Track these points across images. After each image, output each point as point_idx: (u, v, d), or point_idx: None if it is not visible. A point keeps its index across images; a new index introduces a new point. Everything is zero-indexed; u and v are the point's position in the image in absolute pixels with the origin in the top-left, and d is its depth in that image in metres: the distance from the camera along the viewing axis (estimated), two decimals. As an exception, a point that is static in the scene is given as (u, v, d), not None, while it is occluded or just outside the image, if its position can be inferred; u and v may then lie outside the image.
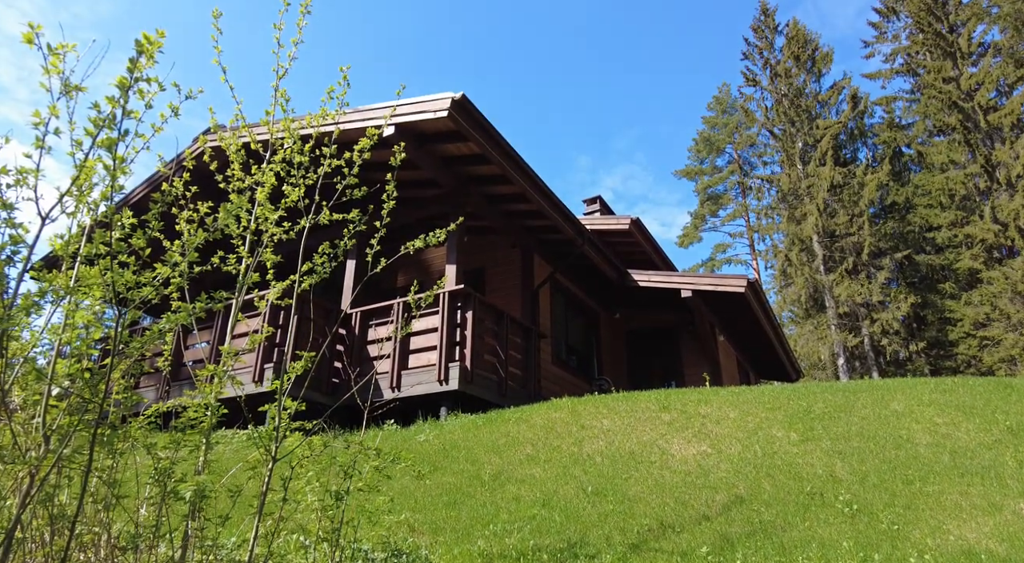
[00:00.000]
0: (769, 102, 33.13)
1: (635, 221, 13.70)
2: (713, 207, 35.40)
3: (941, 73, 28.51)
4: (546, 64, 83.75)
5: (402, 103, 7.62)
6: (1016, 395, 5.52)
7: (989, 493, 3.95)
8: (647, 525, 3.95)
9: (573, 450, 5.42)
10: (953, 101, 27.68)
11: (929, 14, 29.39)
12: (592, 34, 79.01)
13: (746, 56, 34.51)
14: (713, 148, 36.18)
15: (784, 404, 5.90)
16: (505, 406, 7.70)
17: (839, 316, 27.90)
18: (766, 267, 32.85)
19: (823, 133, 30.05)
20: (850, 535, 3.57)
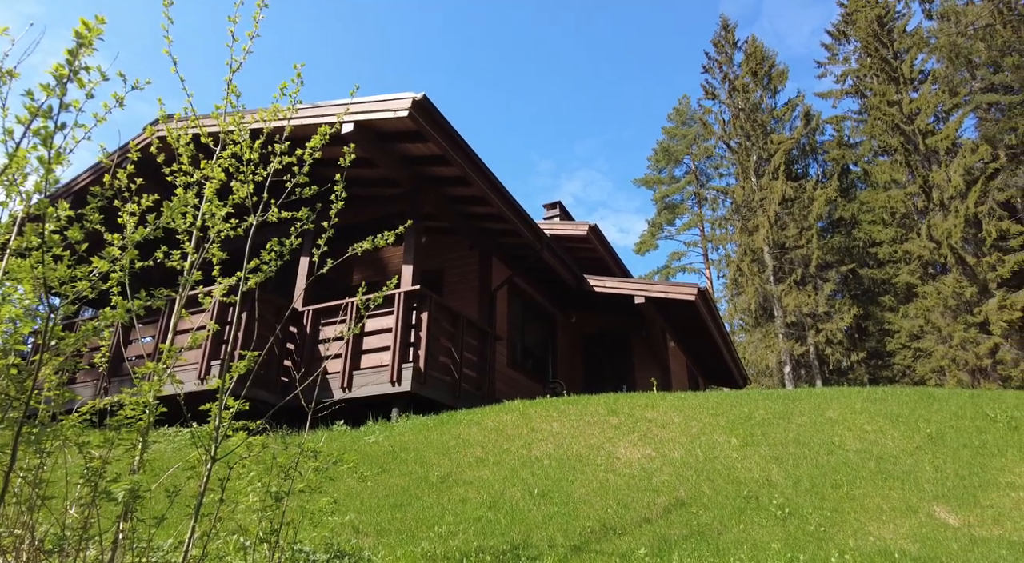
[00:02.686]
0: (727, 115, 34.11)
1: (593, 227, 13.91)
2: (670, 216, 36.19)
3: (886, 96, 29.90)
4: (513, 68, 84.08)
5: (362, 101, 7.56)
6: (938, 405, 5.85)
7: (907, 497, 4.19)
8: (590, 527, 4.04)
9: (522, 453, 5.48)
10: (896, 124, 29.06)
11: (876, 40, 30.81)
12: (558, 40, 79.72)
13: (706, 70, 35.45)
14: (672, 158, 37.01)
15: (727, 410, 6.10)
16: (458, 408, 7.71)
17: (787, 325, 28.89)
18: (718, 276, 33.79)
19: (777, 148, 31.11)
20: (780, 537, 3.73)
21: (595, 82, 78.27)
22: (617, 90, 76.13)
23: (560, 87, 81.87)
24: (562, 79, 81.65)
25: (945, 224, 26.82)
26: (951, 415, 5.57)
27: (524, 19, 78.01)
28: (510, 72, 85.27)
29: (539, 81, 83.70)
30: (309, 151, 2.94)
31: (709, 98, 35.10)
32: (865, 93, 32.78)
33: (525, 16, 76.92)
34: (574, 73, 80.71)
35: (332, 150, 8.76)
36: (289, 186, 2.96)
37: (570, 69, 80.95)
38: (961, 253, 26.78)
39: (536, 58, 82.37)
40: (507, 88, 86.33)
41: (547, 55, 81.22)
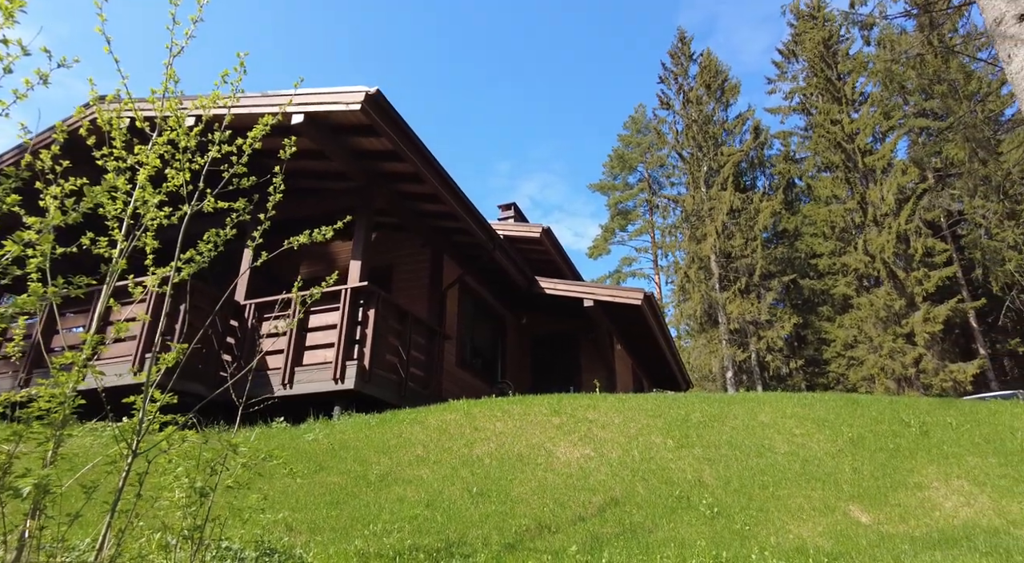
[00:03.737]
0: (680, 126, 34.99)
1: (546, 230, 14.04)
2: (622, 222, 36.87)
3: (829, 115, 31.31)
4: (473, 67, 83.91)
5: (315, 92, 7.43)
6: (861, 410, 6.18)
7: (827, 497, 4.41)
8: (526, 525, 4.09)
9: (464, 452, 5.50)
10: (838, 142, 30.46)
11: (822, 61, 32.21)
12: (519, 41, 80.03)
13: (662, 80, 36.28)
14: (626, 165, 37.72)
15: (665, 412, 6.27)
16: (404, 407, 7.65)
17: (730, 332, 29.85)
18: (667, 282, 34.63)
19: (726, 160, 32.11)
20: (707, 535, 3.87)
21: (555, 85, 78.95)
22: (576, 94, 77.03)
23: (520, 88, 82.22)
24: (522, 80, 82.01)
25: (879, 239, 28.27)
26: (872, 420, 5.89)
27: (486, 19, 78.01)
28: (470, 70, 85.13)
29: (499, 81, 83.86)
30: (250, 140, 2.88)
31: (664, 108, 35.95)
32: (811, 111, 34.22)
33: (487, 16, 76.93)
34: (535, 74, 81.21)
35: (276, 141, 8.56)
36: (227, 176, 2.89)
37: (530, 70, 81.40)
38: (893, 267, 28.28)
39: (496, 58, 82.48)
40: (467, 86, 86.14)
41: (507, 55, 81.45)
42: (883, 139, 30.89)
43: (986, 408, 6.15)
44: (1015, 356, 30.76)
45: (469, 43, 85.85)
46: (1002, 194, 21.34)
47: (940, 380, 26.04)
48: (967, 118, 18.53)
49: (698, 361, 30.41)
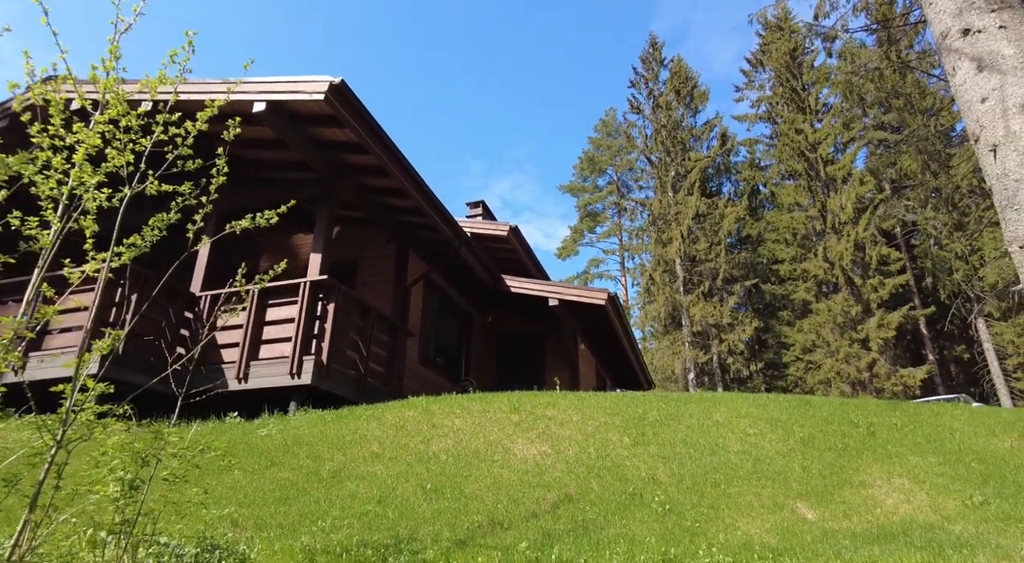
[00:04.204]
0: (649, 130, 35.44)
1: (514, 229, 14.03)
2: (591, 224, 37.16)
3: (794, 124, 32.10)
4: (450, 62, 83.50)
5: (278, 80, 7.27)
6: (813, 411, 6.33)
7: (776, 495, 4.50)
8: (478, 522, 4.06)
9: (420, 448, 5.44)
10: (801, 150, 31.25)
11: (788, 71, 32.99)
12: (499, 41, 79.97)
13: (633, 84, 36.68)
14: (596, 168, 38.02)
15: (623, 410, 6.32)
16: (363, 403, 7.54)
17: (693, 334, 30.34)
18: (633, 284, 35.04)
19: (694, 165, 32.63)
20: (658, 532, 3.90)
21: (529, 85, 79.11)
22: (550, 96, 77.31)
23: (495, 88, 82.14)
24: (498, 80, 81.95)
25: (838, 247, 29.10)
26: (822, 421, 6.04)
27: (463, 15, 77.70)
28: (446, 65, 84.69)
29: (476, 79, 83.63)
30: (199, 122, 2.77)
31: (634, 112, 36.35)
32: (776, 119, 35.04)
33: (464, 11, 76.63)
34: (510, 74, 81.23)
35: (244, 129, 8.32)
36: (171, 158, 2.78)
37: (505, 70, 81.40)
38: (850, 274, 29.14)
39: (473, 55, 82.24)
40: (443, 83, 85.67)
41: (484, 53, 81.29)
42: (844, 149, 31.81)
43: (929, 410, 6.36)
44: (960, 362, 32.03)
45: (445, 36, 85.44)
46: (951, 206, 22.21)
47: (891, 384, 26.93)
48: (920, 131, 19.26)
49: (661, 362, 30.84)
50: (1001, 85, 3.52)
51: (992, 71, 3.56)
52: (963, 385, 30.84)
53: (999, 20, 3.67)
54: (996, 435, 5.60)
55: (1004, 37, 3.62)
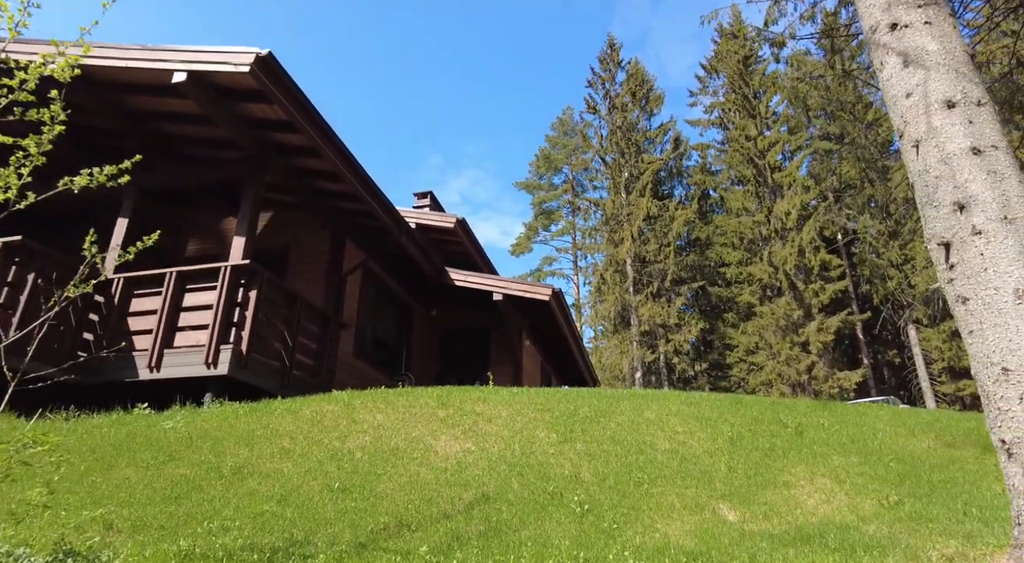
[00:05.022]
0: (605, 131, 35.65)
1: (460, 221, 13.75)
2: (546, 222, 37.16)
3: (744, 131, 32.84)
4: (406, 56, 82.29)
5: (200, 49, 6.79)
6: (744, 409, 6.30)
7: (699, 495, 4.39)
8: (384, 523, 3.79)
9: (335, 445, 5.12)
10: (750, 156, 32.00)
11: (740, 78, 33.73)
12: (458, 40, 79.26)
13: (590, 84, 36.83)
14: (552, 166, 38.03)
15: (554, 406, 6.14)
16: (286, 396, 7.14)
17: (641, 334, 30.70)
18: (585, 283, 35.23)
19: (646, 167, 33.00)
20: (574, 534, 3.71)
21: (491, 82, 78.74)
22: (510, 92, 77.14)
23: (456, 81, 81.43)
24: (458, 73, 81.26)
25: (783, 252, 29.92)
26: (752, 420, 6.01)
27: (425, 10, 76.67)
28: (402, 60, 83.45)
29: (434, 73, 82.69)
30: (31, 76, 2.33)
31: (590, 112, 36.52)
32: (728, 125, 35.80)
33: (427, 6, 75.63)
34: (471, 68, 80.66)
35: (168, 102, 7.73)
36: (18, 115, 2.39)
37: (468, 63, 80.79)
38: (793, 279, 30.01)
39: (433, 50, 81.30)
40: (401, 73, 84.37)
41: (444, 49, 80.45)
42: (791, 157, 32.74)
43: (855, 411, 6.43)
44: (892, 366, 33.48)
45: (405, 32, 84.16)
46: (886, 214, 23.11)
47: (828, 387, 27.87)
48: (859, 140, 19.92)
49: (610, 361, 31.09)
50: (925, 81, 3.46)
51: (917, 66, 3.51)
52: (894, 388, 32.25)
53: (925, 16, 3.62)
54: (915, 435, 5.67)
55: (929, 33, 3.57)
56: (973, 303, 3.08)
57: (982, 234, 3.08)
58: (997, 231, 3.05)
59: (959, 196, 3.20)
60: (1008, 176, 3.17)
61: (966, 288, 3.12)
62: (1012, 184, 3.14)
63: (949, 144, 3.30)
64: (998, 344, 2.94)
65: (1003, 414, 2.91)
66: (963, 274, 3.14)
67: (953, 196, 3.22)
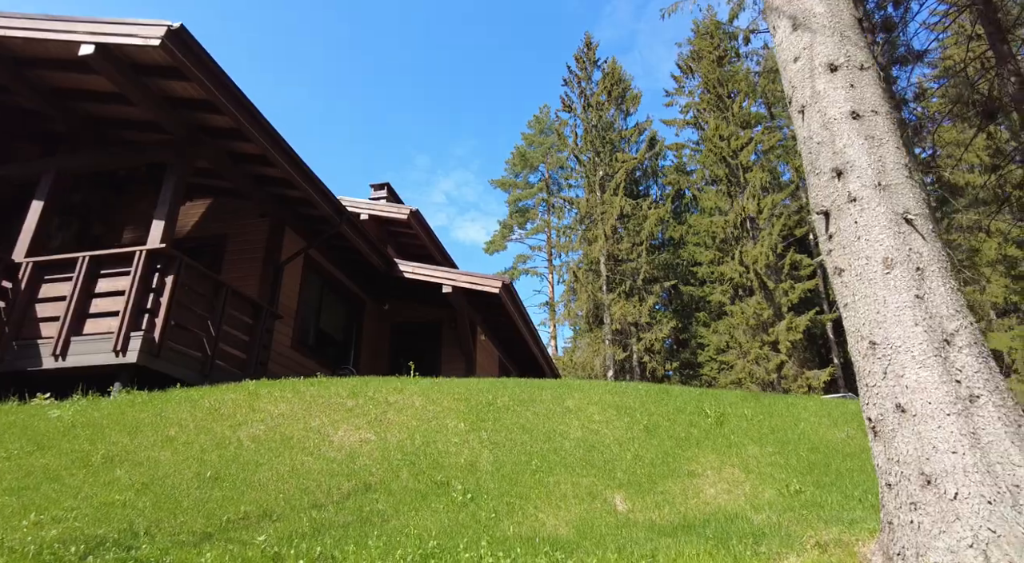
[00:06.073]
0: (580, 130, 35.52)
1: (414, 212, 13.49)
2: (521, 219, 36.95)
3: (719, 131, 32.88)
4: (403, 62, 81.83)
5: (108, 21, 6.46)
6: (669, 399, 6.12)
7: (595, 484, 4.18)
8: (246, 512, 3.53)
9: (225, 433, 4.84)
10: (724, 156, 32.05)
11: (716, 79, 33.80)
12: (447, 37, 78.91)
13: (566, 82, 36.69)
14: (528, 164, 37.84)
15: (474, 396, 5.92)
16: (205, 386, 6.83)
17: (613, 332, 30.59)
18: (559, 281, 35.06)
19: (620, 166, 32.93)
20: (446, 524, 3.49)
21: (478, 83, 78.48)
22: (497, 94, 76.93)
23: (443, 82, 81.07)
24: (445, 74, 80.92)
25: (754, 252, 29.98)
26: (675, 409, 5.83)
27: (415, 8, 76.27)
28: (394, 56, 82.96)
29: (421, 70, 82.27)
30: None
31: (566, 111, 36.36)
32: (702, 125, 35.82)
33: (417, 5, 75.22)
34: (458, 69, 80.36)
35: (86, 80, 7.35)
36: None
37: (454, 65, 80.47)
38: (764, 279, 30.06)
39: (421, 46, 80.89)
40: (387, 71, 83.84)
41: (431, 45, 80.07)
42: (764, 156, 32.84)
43: (784, 402, 6.28)
44: (862, 366, 33.59)
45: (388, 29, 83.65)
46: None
47: (797, 385, 27.95)
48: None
49: (582, 359, 30.93)
50: (811, 44, 3.29)
51: (804, 30, 3.33)
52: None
53: (816, -24, 3.46)
54: (837, 425, 5.53)
55: (819, -7, 3.41)
56: (847, 274, 2.90)
57: (857, 201, 2.91)
58: (871, 198, 2.88)
59: (838, 162, 3.03)
60: (886, 141, 3.00)
61: (841, 258, 2.94)
62: (889, 149, 2.98)
63: (831, 109, 3.13)
64: (867, 316, 2.77)
65: (870, 390, 2.73)
66: (839, 244, 2.97)
67: (832, 162, 3.05)
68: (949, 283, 2.72)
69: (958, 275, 10.65)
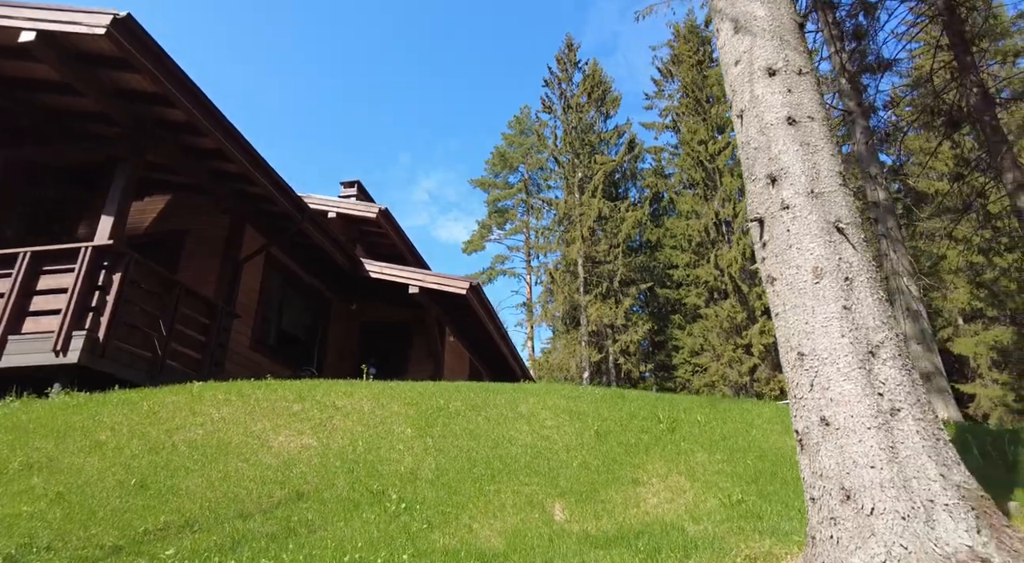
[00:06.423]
0: (560, 131, 35.52)
1: (384, 211, 13.32)
2: (500, 220, 36.84)
3: (697, 135, 33.11)
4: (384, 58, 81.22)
5: (50, 7, 6.23)
6: (623, 405, 6.06)
7: (536, 492, 4.10)
8: (166, 523, 3.38)
9: (161, 438, 4.67)
10: (701, 160, 32.28)
11: (694, 83, 34.02)
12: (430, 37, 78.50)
13: (547, 84, 36.68)
14: (507, 164, 37.75)
15: (424, 401, 5.80)
16: (149, 388, 6.62)
17: (590, 334, 30.63)
18: (537, 282, 35.02)
19: (599, 168, 33.00)
20: (375, 535, 3.37)
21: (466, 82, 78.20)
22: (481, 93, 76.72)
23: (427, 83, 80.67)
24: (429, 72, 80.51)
25: (729, 255, 30.22)
26: (628, 414, 5.77)
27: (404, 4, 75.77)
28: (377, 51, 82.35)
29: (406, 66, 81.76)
30: None
31: (546, 112, 36.36)
32: (681, 129, 36.06)
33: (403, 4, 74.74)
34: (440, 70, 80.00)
35: (29, 68, 7.05)
36: None
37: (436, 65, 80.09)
38: (739, 282, 30.31)
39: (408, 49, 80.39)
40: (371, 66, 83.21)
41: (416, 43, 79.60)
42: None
43: (739, 407, 6.26)
44: (834, 369, 34.02)
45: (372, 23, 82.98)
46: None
47: (770, 389, 28.24)
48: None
49: (558, 360, 30.93)
50: (751, 47, 3.23)
51: (745, 33, 3.28)
52: (833, 391, 32.80)
53: (757, -21, 3.41)
54: (788, 432, 5.50)
55: (760, -3, 3.36)
56: (779, 283, 2.85)
57: (790, 209, 2.86)
58: (804, 206, 2.83)
59: (773, 168, 2.97)
60: (821, 148, 2.95)
61: (774, 267, 2.89)
62: (824, 157, 2.93)
63: (768, 114, 3.07)
64: (796, 327, 2.71)
65: (798, 402, 2.68)
66: (772, 252, 2.91)
67: (767, 168, 3.00)
68: (877, 294, 2.68)
69: (918, 282, 10.77)
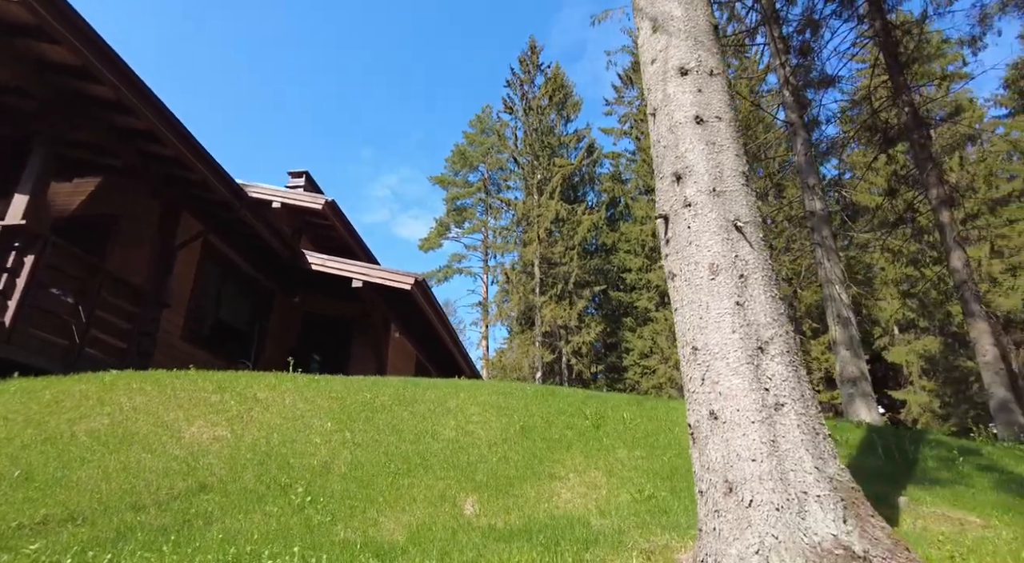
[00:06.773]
0: (521, 132, 35.62)
1: (330, 202, 13.06)
2: (458, 218, 36.67)
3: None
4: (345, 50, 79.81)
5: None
6: (554, 401, 6.08)
7: (450, 487, 4.06)
8: (46, 516, 3.20)
9: (61, 428, 4.44)
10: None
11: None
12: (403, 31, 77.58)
13: (509, 84, 36.74)
14: (467, 163, 37.61)
15: (351, 395, 5.69)
16: (56, 377, 6.29)
17: (543, 334, 30.79)
18: (493, 282, 35.00)
19: (557, 171, 33.23)
20: (274, 528, 3.27)
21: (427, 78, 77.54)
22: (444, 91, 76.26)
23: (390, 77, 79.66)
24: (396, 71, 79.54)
25: (681, 261, 30.87)
26: (555, 411, 5.79)
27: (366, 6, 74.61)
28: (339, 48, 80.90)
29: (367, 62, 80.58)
30: None
31: (508, 112, 36.42)
32: (638, 136, 36.64)
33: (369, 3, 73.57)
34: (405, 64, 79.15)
35: None
36: None
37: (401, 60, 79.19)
38: (690, 288, 30.96)
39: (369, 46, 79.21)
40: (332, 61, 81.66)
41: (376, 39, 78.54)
42: (693, 170, 33.85)
43: (666, 406, 6.36)
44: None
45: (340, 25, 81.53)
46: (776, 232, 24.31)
47: (715, 391, 28.90)
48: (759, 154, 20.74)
49: (512, 360, 30.99)
50: (666, 46, 3.27)
51: (662, 32, 3.31)
52: (776, 395, 33.87)
53: (675, -21, 3.47)
54: (710, 431, 5.62)
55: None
56: (678, 279, 2.88)
57: (691, 206, 2.90)
58: (705, 203, 2.87)
59: (679, 166, 3.01)
60: (726, 148, 3.00)
61: (675, 263, 2.92)
62: (728, 156, 2.98)
63: (678, 113, 3.11)
64: (692, 322, 2.75)
65: (691, 396, 2.71)
66: (674, 249, 2.95)
67: (674, 166, 3.03)
68: (771, 291, 2.74)
69: (849, 290, 11.19)
